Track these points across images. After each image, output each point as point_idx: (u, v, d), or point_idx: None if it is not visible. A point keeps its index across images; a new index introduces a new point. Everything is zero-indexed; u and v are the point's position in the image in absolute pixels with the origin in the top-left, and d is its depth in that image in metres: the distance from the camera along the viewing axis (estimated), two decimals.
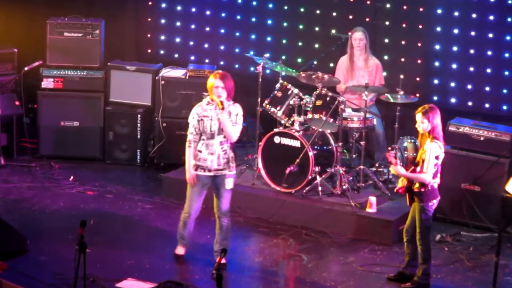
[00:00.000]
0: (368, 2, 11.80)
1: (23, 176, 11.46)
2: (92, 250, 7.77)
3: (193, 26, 12.94)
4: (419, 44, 11.62)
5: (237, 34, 12.72)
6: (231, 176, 8.95)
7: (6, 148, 11.89)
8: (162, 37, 13.10)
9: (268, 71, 11.41)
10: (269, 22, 12.51)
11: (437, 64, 11.59)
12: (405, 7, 11.64)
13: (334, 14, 12.08)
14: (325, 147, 10.55)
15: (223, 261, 8.68)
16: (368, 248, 9.73)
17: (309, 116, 10.39)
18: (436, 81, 11.61)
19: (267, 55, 11.29)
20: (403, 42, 11.71)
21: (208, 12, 12.83)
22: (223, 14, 12.77)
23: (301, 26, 12.30)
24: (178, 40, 13.05)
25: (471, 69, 11.37)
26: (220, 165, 8.88)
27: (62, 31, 12.05)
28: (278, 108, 10.59)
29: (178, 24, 13.02)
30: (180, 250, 9.19)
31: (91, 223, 9.59)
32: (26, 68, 11.83)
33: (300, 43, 12.34)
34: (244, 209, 10.46)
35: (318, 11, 12.16)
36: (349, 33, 11.06)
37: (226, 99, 8.83)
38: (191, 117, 8.91)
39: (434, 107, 8.59)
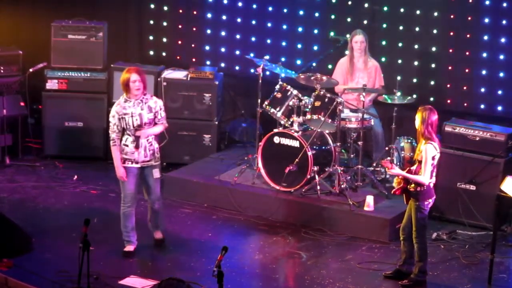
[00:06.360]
0: (366, 5, 11.86)
1: (28, 175, 11.52)
2: (95, 248, 7.91)
3: (194, 29, 12.96)
4: (416, 46, 11.67)
5: (238, 36, 12.76)
6: (157, 167, 9.23)
7: (11, 148, 11.96)
8: (164, 39, 13.11)
9: (268, 72, 11.53)
10: (269, 24, 12.53)
11: (433, 65, 11.61)
12: (402, 10, 11.67)
13: (333, 16, 12.13)
14: (323, 147, 10.60)
15: (160, 236, 9.29)
16: (366, 246, 9.79)
17: (308, 116, 10.43)
18: (432, 82, 11.65)
19: (267, 57, 11.35)
20: (400, 44, 11.76)
21: (209, 15, 12.84)
22: (224, 17, 12.78)
23: (300, 29, 12.36)
24: (179, 42, 13.08)
25: (467, 70, 11.41)
26: (147, 156, 9.17)
27: (66, 33, 12.10)
28: (277, 109, 10.65)
29: (179, 26, 13.04)
30: (129, 248, 9.36)
31: (95, 221, 9.50)
32: (31, 70, 11.82)
33: (299, 45, 12.39)
34: (244, 207, 10.55)
35: (316, 14, 12.21)
36: (348, 36, 11.15)
37: (142, 92, 9.07)
38: (111, 116, 9.11)
39: (431, 108, 8.67)
